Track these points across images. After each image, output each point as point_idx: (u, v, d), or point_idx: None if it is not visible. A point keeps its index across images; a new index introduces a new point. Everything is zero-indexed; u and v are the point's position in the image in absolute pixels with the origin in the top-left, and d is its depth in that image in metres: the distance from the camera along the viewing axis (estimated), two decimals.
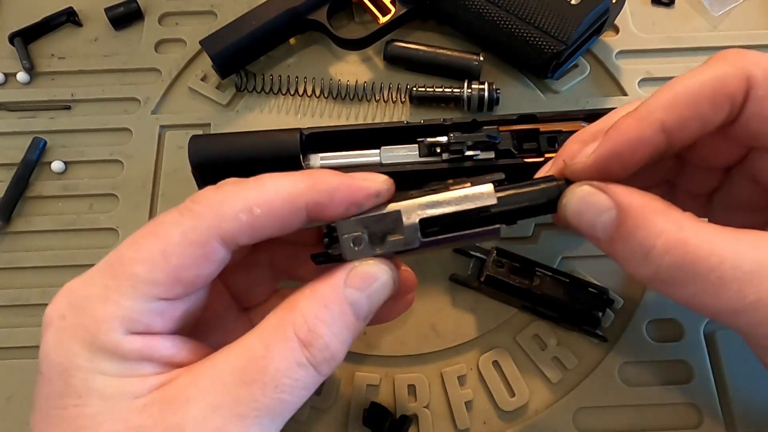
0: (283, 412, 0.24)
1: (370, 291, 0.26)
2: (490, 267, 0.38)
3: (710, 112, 0.26)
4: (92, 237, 0.43)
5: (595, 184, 0.27)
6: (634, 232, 0.25)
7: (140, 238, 0.25)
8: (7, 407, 0.39)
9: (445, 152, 0.38)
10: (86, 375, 0.23)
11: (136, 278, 0.24)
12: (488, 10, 0.42)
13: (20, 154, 0.44)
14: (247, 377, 0.23)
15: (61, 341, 0.24)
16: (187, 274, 0.25)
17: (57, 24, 0.49)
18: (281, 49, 0.47)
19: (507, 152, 0.38)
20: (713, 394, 0.37)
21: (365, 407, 0.37)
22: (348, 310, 0.26)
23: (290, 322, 0.25)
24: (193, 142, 0.39)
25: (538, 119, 0.39)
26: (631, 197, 0.26)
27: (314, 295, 0.25)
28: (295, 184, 0.26)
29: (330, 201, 0.26)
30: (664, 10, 0.48)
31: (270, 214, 0.26)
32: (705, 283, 0.24)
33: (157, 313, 0.25)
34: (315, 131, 0.39)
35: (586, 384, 0.37)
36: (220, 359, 0.24)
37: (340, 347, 0.25)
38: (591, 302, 0.37)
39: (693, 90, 0.26)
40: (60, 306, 0.25)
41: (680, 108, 0.26)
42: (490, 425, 0.37)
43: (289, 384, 0.24)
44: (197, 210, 0.25)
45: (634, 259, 0.26)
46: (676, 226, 0.25)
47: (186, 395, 0.23)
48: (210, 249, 0.25)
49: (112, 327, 0.24)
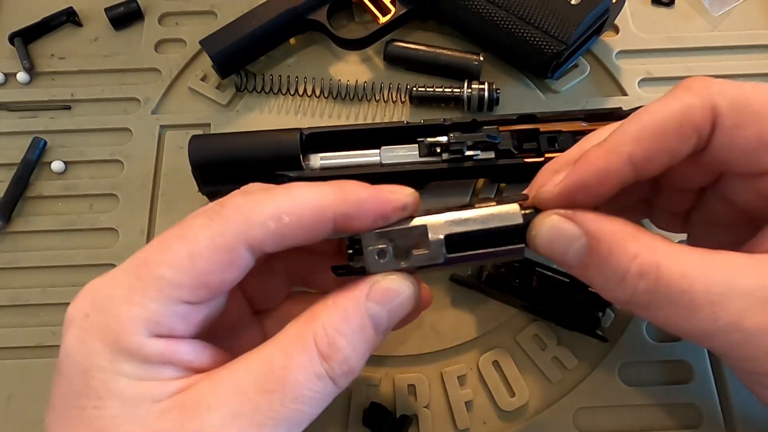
0: (300, 423, 0.24)
1: (391, 306, 0.26)
2: (490, 267, 0.38)
3: (677, 144, 0.26)
4: (92, 237, 0.43)
5: (563, 213, 0.27)
6: (607, 259, 0.25)
7: (168, 240, 0.25)
8: (7, 407, 0.39)
9: (445, 152, 0.38)
10: (107, 376, 0.23)
11: (162, 281, 0.24)
12: (488, 10, 0.42)
13: (20, 154, 0.44)
14: (267, 387, 0.23)
15: (83, 340, 0.24)
16: (212, 279, 0.25)
17: (57, 24, 0.49)
18: (281, 49, 0.47)
19: (507, 152, 0.38)
20: (713, 394, 0.37)
21: (365, 407, 0.37)
22: (368, 324, 0.26)
23: (311, 333, 0.25)
24: (193, 142, 0.39)
25: (538, 119, 0.39)
26: (600, 224, 0.26)
27: (336, 308, 0.26)
28: (324, 194, 0.26)
29: (358, 213, 0.26)
30: (664, 10, 0.48)
31: (298, 224, 0.26)
32: (678, 306, 0.24)
33: (181, 316, 0.25)
34: (315, 131, 0.39)
35: (586, 384, 0.37)
36: (240, 367, 0.24)
37: (358, 361, 0.25)
38: (591, 302, 0.37)
39: (659, 122, 0.26)
40: (83, 305, 0.25)
41: (647, 141, 0.26)
42: (490, 425, 0.37)
43: (309, 395, 0.24)
44: (226, 215, 0.25)
45: (609, 285, 0.26)
46: (648, 249, 0.25)
47: (206, 401, 0.23)
48: (237, 255, 0.25)
49: (135, 329, 0.24)
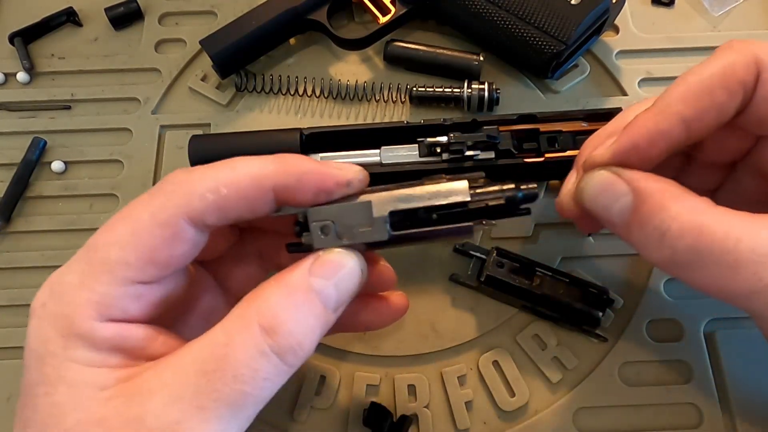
0: (245, 405, 0.23)
1: (336, 279, 0.26)
2: (490, 267, 0.38)
3: (725, 99, 0.27)
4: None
5: (613, 169, 0.27)
6: (650, 217, 0.26)
7: (113, 222, 0.25)
8: (7, 407, 0.39)
9: (445, 152, 0.38)
10: (58, 362, 0.24)
11: (109, 262, 0.24)
12: (488, 10, 0.42)
13: (20, 154, 0.44)
14: (208, 367, 0.23)
15: (39, 329, 0.24)
16: (158, 255, 0.25)
17: (57, 24, 0.49)
18: (281, 49, 0.47)
19: (507, 152, 0.38)
20: (713, 394, 0.37)
21: (365, 407, 0.37)
22: (314, 299, 0.25)
23: (254, 310, 0.24)
24: (193, 142, 0.39)
25: (538, 119, 0.39)
26: (647, 182, 0.26)
27: (278, 284, 0.25)
28: (264, 165, 0.26)
29: (298, 185, 0.26)
30: (664, 10, 0.48)
31: (237, 195, 0.26)
32: (720, 266, 0.24)
33: (133, 297, 0.25)
34: (315, 131, 0.39)
35: (586, 384, 0.37)
36: (185, 351, 0.24)
37: (306, 336, 0.25)
38: (591, 302, 0.37)
39: (706, 80, 0.27)
40: (42, 295, 0.25)
41: (696, 98, 0.27)
42: (490, 425, 0.37)
43: (250, 375, 0.23)
44: (165, 190, 0.26)
45: (650, 243, 0.26)
46: (692, 209, 0.25)
47: (149, 387, 0.23)
48: (178, 228, 0.25)
49: (87, 313, 0.24)
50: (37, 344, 0.24)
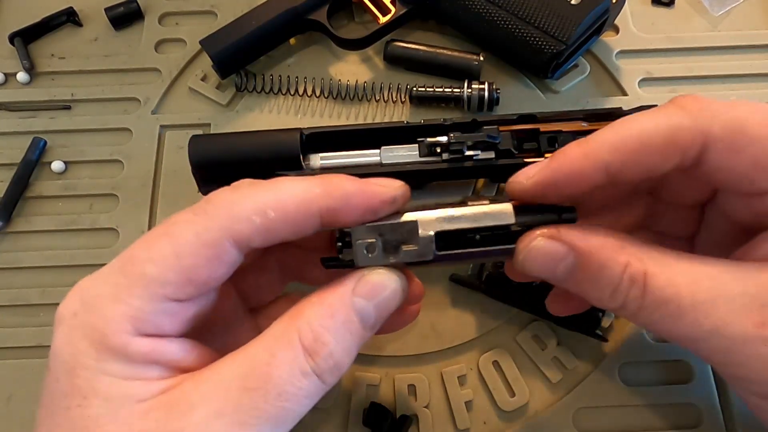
0: (285, 421, 0.24)
1: (378, 300, 0.26)
2: (490, 267, 0.38)
3: (657, 160, 0.26)
4: (92, 237, 0.43)
5: (547, 233, 0.27)
6: (599, 272, 0.26)
7: (153, 237, 0.25)
8: (7, 407, 0.39)
9: (445, 152, 0.38)
10: (92, 375, 0.23)
11: (147, 278, 0.24)
12: (488, 10, 0.42)
13: (20, 154, 0.44)
14: (250, 384, 0.23)
15: (70, 339, 0.24)
16: (198, 275, 0.25)
17: (57, 24, 0.49)
18: (281, 49, 0.47)
19: (507, 152, 0.38)
20: (713, 394, 0.37)
21: (365, 407, 0.37)
22: (355, 319, 0.25)
23: (295, 329, 0.24)
24: (193, 142, 0.39)
25: (538, 119, 0.39)
26: (586, 239, 0.26)
27: (321, 303, 0.25)
28: (310, 188, 0.26)
29: (345, 207, 0.26)
30: (664, 10, 0.48)
31: (284, 218, 0.25)
32: (664, 313, 0.25)
33: (168, 314, 0.25)
34: (315, 131, 0.39)
35: (586, 384, 0.37)
36: (225, 365, 0.24)
37: (344, 356, 0.25)
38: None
39: (643, 136, 0.26)
40: (72, 304, 0.25)
41: (626, 152, 0.26)
42: (490, 425, 0.37)
43: (293, 392, 0.24)
44: (211, 211, 0.25)
45: (602, 296, 0.26)
46: (637, 258, 0.25)
47: (189, 401, 0.23)
48: (222, 250, 0.25)
49: (121, 327, 0.24)
50: (67, 355, 0.24)
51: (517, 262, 0.27)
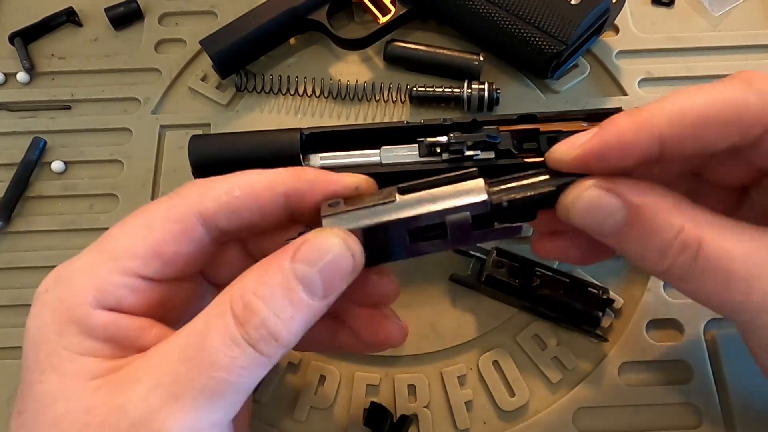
0: (223, 394, 0.23)
1: (322, 265, 0.24)
2: (490, 267, 0.38)
3: (716, 137, 0.24)
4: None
5: (603, 185, 0.25)
6: (649, 232, 0.25)
7: (128, 217, 0.27)
8: (7, 407, 0.39)
9: (445, 152, 0.38)
10: (52, 349, 0.24)
11: (116, 251, 0.25)
12: (488, 10, 0.42)
13: (20, 154, 0.44)
14: (186, 355, 0.23)
15: (38, 314, 0.25)
16: (165, 249, 0.26)
17: (57, 24, 0.49)
18: (281, 49, 0.47)
19: (507, 152, 0.38)
20: (713, 394, 0.37)
21: (365, 407, 0.37)
22: (295, 287, 0.24)
23: (228, 297, 0.24)
24: (193, 142, 0.39)
25: (538, 119, 0.39)
26: (642, 196, 0.25)
27: (257, 270, 0.24)
28: (277, 173, 0.28)
29: (309, 190, 0.27)
30: (664, 10, 0.48)
31: (249, 197, 0.27)
32: (713, 280, 0.24)
33: (132, 289, 0.25)
34: (315, 131, 0.39)
35: (586, 384, 0.37)
36: (169, 340, 0.24)
37: (284, 326, 0.24)
38: (591, 302, 0.37)
39: (705, 110, 0.24)
40: (47, 282, 0.26)
41: (685, 125, 0.24)
42: (490, 425, 0.37)
43: (226, 362, 0.23)
44: (182, 192, 0.27)
45: (648, 257, 0.25)
46: (693, 222, 0.24)
47: (135, 376, 0.23)
48: (189, 225, 0.26)
49: (85, 299, 0.25)
50: (34, 330, 0.25)
51: (563, 210, 0.26)
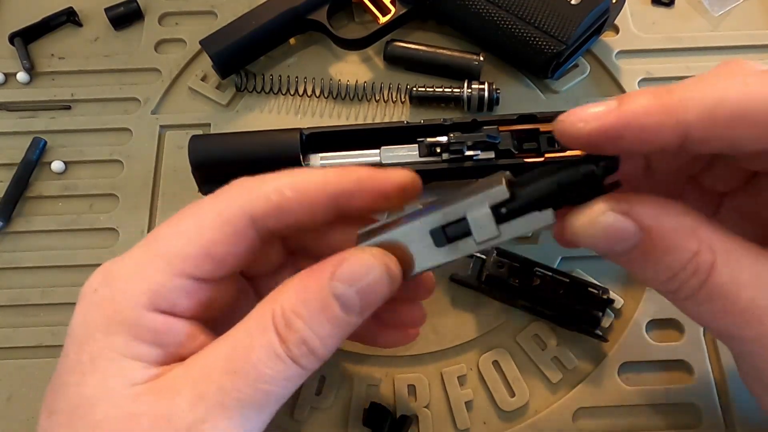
0: (267, 403, 0.24)
1: (360, 286, 0.25)
2: (490, 267, 0.38)
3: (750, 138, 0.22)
4: (92, 237, 0.43)
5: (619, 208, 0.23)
6: (662, 255, 0.23)
7: (177, 216, 0.26)
8: (7, 407, 0.39)
9: (445, 152, 0.38)
10: (97, 348, 0.24)
11: (169, 252, 0.25)
12: (488, 10, 0.42)
13: (20, 154, 0.44)
14: (231, 367, 0.23)
15: (86, 314, 0.25)
16: (217, 251, 0.26)
17: (57, 24, 0.49)
18: (281, 49, 0.47)
19: (507, 152, 0.38)
20: (713, 394, 0.37)
21: (365, 407, 0.37)
22: (333, 305, 0.24)
23: (270, 312, 0.24)
24: (193, 142, 0.39)
25: (538, 119, 0.39)
26: (660, 220, 0.23)
27: (297, 287, 0.25)
28: (325, 173, 0.27)
29: (357, 189, 0.27)
30: (664, 10, 0.48)
31: (299, 198, 0.26)
32: (717, 307, 0.23)
33: (185, 291, 0.25)
34: (315, 131, 0.39)
35: (586, 384, 0.37)
36: (210, 350, 0.24)
37: (320, 343, 0.24)
38: (591, 302, 0.37)
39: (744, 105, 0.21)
40: (94, 281, 0.26)
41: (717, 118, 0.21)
42: (490, 425, 0.37)
43: (272, 375, 0.23)
44: (231, 192, 0.27)
45: (658, 278, 0.24)
46: (708, 247, 0.23)
47: (177, 385, 0.24)
48: (241, 226, 0.26)
49: (138, 301, 0.24)
50: (80, 328, 0.25)
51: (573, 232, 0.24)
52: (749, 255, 0.23)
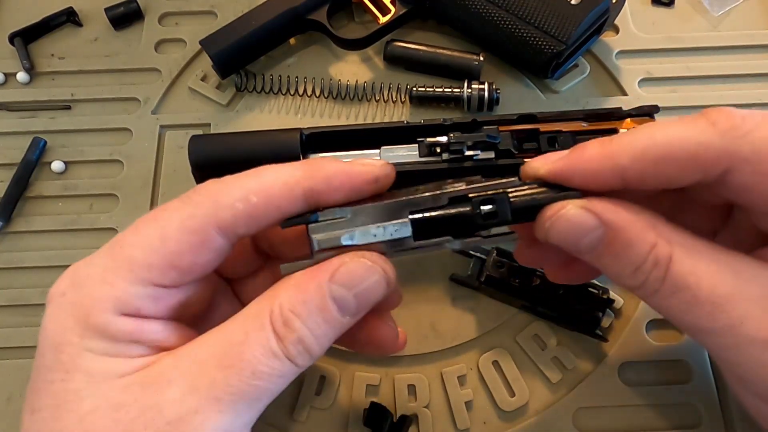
0: (259, 398, 0.24)
1: (358, 290, 0.26)
2: (490, 267, 0.38)
3: (677, 175, 0.25)
4: (92, 237, 0.43)
5: (580, 203, 0.26)
6: (624, 249, 0.25)
7: (141, 223, 0.26)
8: (7, 407, 0.39)
9: (445, 152, 0.38)
10: (75, 351, 0.24)
11: (133, 262, 0.25)
12: (488, 10, 0.42)
13: (20, 154, 0.44)
14: (225, 362, 0.24)
15: (57, 317, 0.25)
16: (182, 261, 0.25)
17: (57, 24, 0.49)
18: (281, 49, 0.47)
19: (507, 152, 0.38)
20: (713, 394, 0.37)
21: (365, 407, 0.37)
22: (331, 307, 0.25)
23: (268, 311, 0.25)
24: (193, 142, 0.39)
25: (538, 119, 0.39)
26: (618, 214, 0.25)
27: (296, 287, 0.25)
28: (292, 172, 0.27)
29: (327, 188, 0.27)
30: (664, 10, 0.48)
31: (267, 202, 0.26)
32: (680, 300, 0.25)
33: (152, 298, 0.25)
34: (315, 131, 0.39)
35: (586, 384, 0.37)
36: (202, 343, 0.25)
37: (316, 342, 0.25)
38: (591, 302, 0.37)
39: (666, 148, 0.25)
40: (62, 284, 0.26)
41: (647, 161, 0.25)
42: (490, 425, 0.37)
43: (266, 372, 0.24)
44: (196, 199, 0.26)
45: (623, 272, 0.26)
46: (665, 240, 0.25)
47: (167, 376, 0.24)
48: (207, 237, 0.26)
49: (105, 307, 0.24)
50: (53, 332, 0.25)
51: (542, 230, 0.26)
52: (706, 248, 0.25)
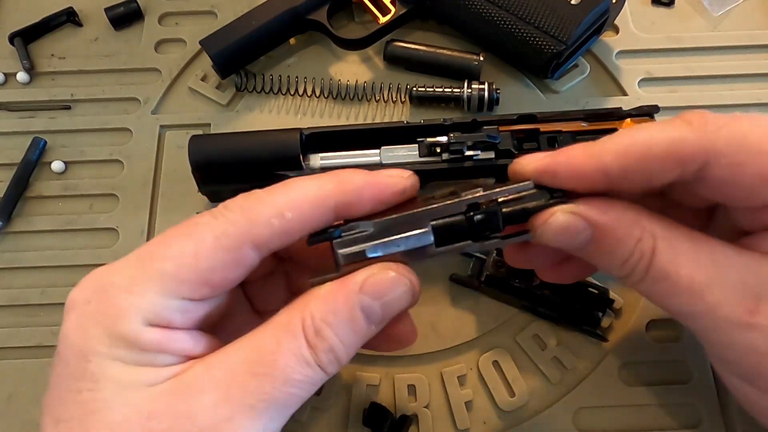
0: (290, 405, 0.25)
1: (385, 300, 0.26)
2: (490, 267, 0.38)
3: (657, 171, 0.26)
4: (92, 237, 0.43)
5: (567, 208, 0.27)
6: (613, 245, 0.27)
7: (173, 236, 0.26)
8: (7, 407, 0.39)
9: (445, 152, 0.38)
10: (103, 360, 0.24)
11: (164, 274, 0.25)
12: (488, 10, 0.42)
13: (20, 154, 0.44)
14: (258, 370, 0.24)
15: (82, 325, 0.24)
16: (215, 277, 0.25)
17: (57, 24, 0.49)
18: (281, 49, 0.47)
19: (507, 152, 0.38)
20: (713, 394, 0.37)
21: (365, 407, 0.37)
22: (359, 316, 0.26)
23: (300, 320, 0.25)
24: (193, 142, 0.39)
25: (538, 119, 0.39)
26: (604, 214, 0.27)
27: (327, 298, 0.26)
28: (322, 185, 0.27)
29: (357, 200, 0.27)
30: (664, 10, 0.48)
31: (300, 218, 0.26)
32: (662, 287, 0.27)
33: (180, 311, 0.25)
34: (315, 131, 0.39)
35: (586, 384, 0.37)
36: (232, 351, 0.25)
37: (345, 351, 0.26)
38: (591, 302, 0.37)
39: (645, 145, 0.26)
40: (85, 291, 0.25)
41: (628, 158, 0.26)
42: (490, 425, 0.37)
43: (299, 379, 0.24)
44: (230, 216, 0.26)
45: (613, 266, 0.28)
46: (649, 234, 0.27)
47: (199, 384, 0.24)
48: (242, 255, 0.26)
49: (133, 317, 0.24)
50: (78, 340, 0.24)
51: (535, 234, 0.28)
52: (688, 239, 0.27)
